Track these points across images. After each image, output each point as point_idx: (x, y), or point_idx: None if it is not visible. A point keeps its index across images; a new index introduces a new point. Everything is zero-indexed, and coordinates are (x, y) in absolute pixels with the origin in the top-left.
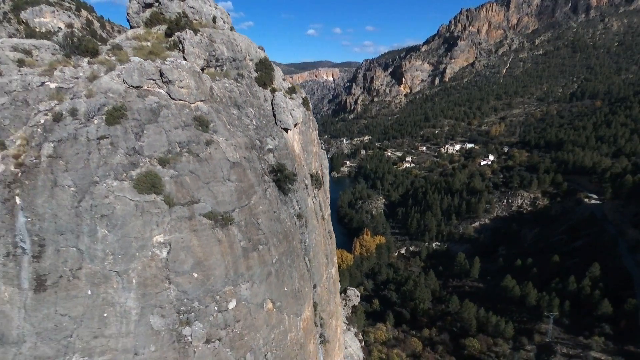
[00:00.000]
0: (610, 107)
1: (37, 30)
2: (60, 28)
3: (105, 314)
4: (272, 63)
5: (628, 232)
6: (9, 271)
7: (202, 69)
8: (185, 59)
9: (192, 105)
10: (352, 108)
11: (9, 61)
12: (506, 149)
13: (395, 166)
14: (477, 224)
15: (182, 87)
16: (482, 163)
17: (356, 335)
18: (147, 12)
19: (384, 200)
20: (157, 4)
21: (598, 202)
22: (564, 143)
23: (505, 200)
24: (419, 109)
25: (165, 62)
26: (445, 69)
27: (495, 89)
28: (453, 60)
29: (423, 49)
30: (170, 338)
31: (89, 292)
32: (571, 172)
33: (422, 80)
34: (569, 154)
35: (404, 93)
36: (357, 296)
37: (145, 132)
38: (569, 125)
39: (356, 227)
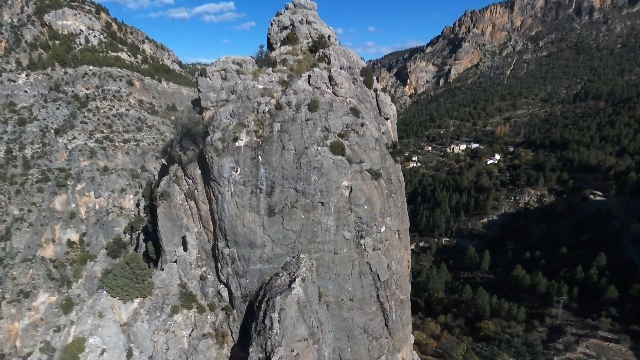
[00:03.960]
0: (613, 108)
1: (60, 32)
2: (81, 30)
3: (315, 229)
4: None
5: (632, 226)
6: (252, 203)
7: None
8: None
9: (347, 100)
10: None
11: (232, 71)
12: (511, 149)
13: (402, 165)
14: (485, 220)
15: (342, 88)
16: (489, 162)
17: None
18: (284, 33)
19: None
20: (291, 27)
21: (603, 198)
22: (568, 142)
23: (512, 197)
24: (424, 109)
25: (331, 72)
26: (449, 70)
27: (500, 90)
28: (457, 62)
29: (427, 50)
30: (354, 245)
31: (303, 216)
32: (576, 170)
33: (427, 82)
34: (574, 153)
35: (409, 94)
36: None
37: (329, 116)
38: (574, 125)
39: None
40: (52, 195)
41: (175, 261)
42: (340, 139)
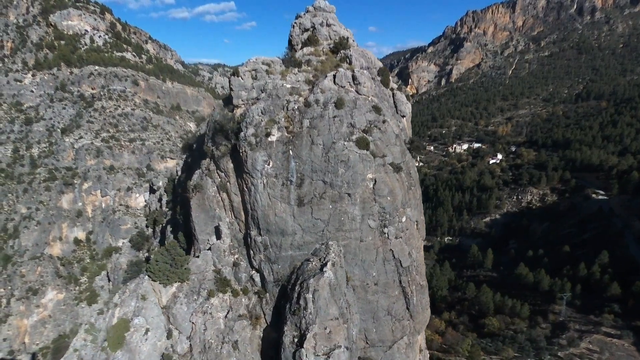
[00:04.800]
0: (615, 108)
1: (66, 32)
2: (87, 30)
3: (342, 218)
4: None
5: (634, 225)
6: (283, 194)
7: None
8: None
9: (369, 98)
10: None
11: (262, 71)
12: (514, 148)
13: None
14: (488, 219)
15: (364, 87)
16: (491, 161)
17: None
18: (305, 35)
19: None
20: (312, 29)
21: (605, 197)
22: (571, 142)
23: (515, 197)
24: (426, 109)
25: (354, 71)
26: (451, 70)
27: (502, 90)
28: (459, 62)
29: (429, 50)
30: (378, 233)
31: (330, 206)
32: (579, 169)
33: (429, 81)
34: (576, 153)
35: (411, 94)
36: None
37: (353, 113)
38: (576, 125)
39: None
40: (59, 193)
41: (209, 249)
42: (365, 134)
